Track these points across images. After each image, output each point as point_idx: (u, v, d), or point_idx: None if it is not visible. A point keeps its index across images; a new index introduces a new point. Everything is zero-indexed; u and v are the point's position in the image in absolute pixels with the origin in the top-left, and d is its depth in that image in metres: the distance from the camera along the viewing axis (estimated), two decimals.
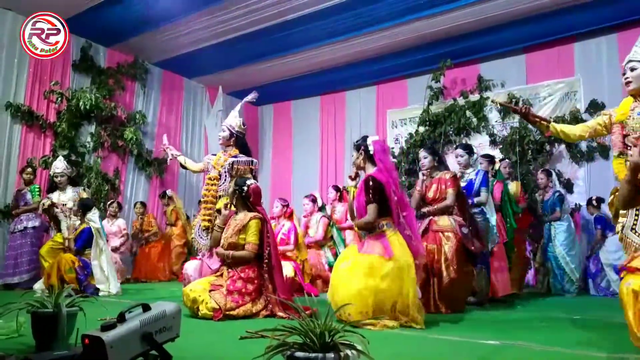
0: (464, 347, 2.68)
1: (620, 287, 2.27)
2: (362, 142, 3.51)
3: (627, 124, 2.97)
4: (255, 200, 3.87)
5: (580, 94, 6.87)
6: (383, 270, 3.15)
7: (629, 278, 2.26)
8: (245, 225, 3.71)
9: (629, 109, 3.02)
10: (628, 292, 2.19)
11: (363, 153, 3.48)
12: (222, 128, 4.67)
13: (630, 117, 2.98)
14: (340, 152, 9.16)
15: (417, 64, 8.02)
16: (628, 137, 2.98)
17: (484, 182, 4.64)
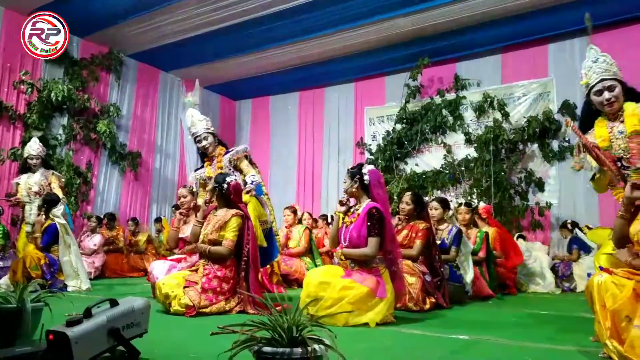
0: (436, 341, 2.71)
1: (589, 282, 2.31)
2: (358, 171, 3.44)
3: (613, 148, 2.84)
4: (236, 197, 3.83)
5: (554, 94, 7.02)
6: (370, 304, 3.11)
7: (602, 273, 2.31)
8: (226, 222, 3.67)
9: (608, 133, 2.90)
10: (598, 285, 2.23)
11: (358, 182, 3.42)
12: (202, 137, 4.45)
13: (612, 140, 2.87)
14: (318, 148, 9.16)
15: (395, 62, 8.07)
16: (621, 159, 2.83)
17: (455, 240, 4.59)
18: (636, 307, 2.11)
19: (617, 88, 2.85)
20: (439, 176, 7.68)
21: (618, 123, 2.88)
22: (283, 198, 8.68)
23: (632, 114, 2.82)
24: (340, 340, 2.60)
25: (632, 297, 2.14)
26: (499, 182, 6.97)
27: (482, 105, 7.39)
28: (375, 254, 3.26)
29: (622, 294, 2.15)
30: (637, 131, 2.77)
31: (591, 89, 2.92)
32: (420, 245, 4.18)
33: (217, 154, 4.46)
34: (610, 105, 2.85)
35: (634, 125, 2.79)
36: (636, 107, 2.83)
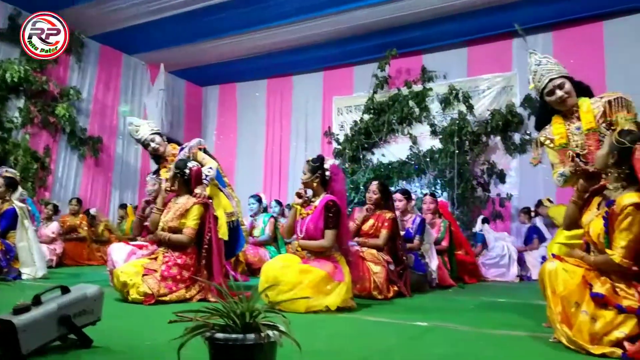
0: (395, 328, 2.75)
1: (542, 269, 2.38)
2: (320, 166, 3.46)
3: (570, 144, 2.88)
4: (197, 183, 3.77)
5: (517, 88, 7.19)
6: (328, 288, 3.15)
7: (553, 260, 2.38)
8: (188, 209, 3.61)
9: (565, 130, 2.94)
10: (550, 272, 2.30)
11: (319, 176, 3.45)
12: (149, 139, 4.27)
13: (569, 137, 2.91)
14: (285, 137, 9.12)
15: (363, 52, 8.08)
16: (579, 155, 2.81)
17: (419, 230, 4.72)
18: (585, 294, 2.20)
19: (566, 84, 2.88)
20: (405, 167, 7.76)
21: (574, 119, 2.93)
22: (250, 186, 8.61)
23: (588, 110, 2.87)
24: (300, 327, 2.62)
25: (582, 284, 2.22)
26: (462, 173, 7.11)
27: (447, 98, 7.50)
28: (332, 246, 3.33)
29: (572, 281, 2.23)
30: (593, 128, 2.82)
31: (543, 91, 2.97)
32: (386, 235, 4.24)
33: (169, 153, 4.34)
34: (564, 102, 2.90)
35: (590, 122, 2.84)
36: (591, 103, 2.89)
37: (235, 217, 4.01)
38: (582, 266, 2.31)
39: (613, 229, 2.22)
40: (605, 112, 2.81)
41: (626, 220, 2.15)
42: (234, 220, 3.97)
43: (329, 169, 3.42)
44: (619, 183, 2.29)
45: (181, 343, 1.28)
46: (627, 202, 2.16)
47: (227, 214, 3.90)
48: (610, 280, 2.21)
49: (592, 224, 2.36)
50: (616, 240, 2.19)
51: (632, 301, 2.12)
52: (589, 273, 2.26)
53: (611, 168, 2.31)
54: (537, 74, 2.96)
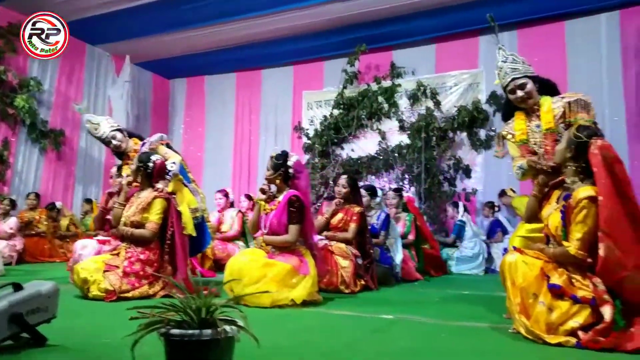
0: (359, 321, 2.77)
1: (502, 261, 2.44)
2: (283, 163, 3.45)
3: (530, 141, 2.96)
4: (160, 177, 3.69)
5: (483, 85, 7.31)
6: (294, 281, 3.16)
7: (514, 253, 2.44)
8: (149, 203, 3.53)
9: (526, 127, 3.00)
10: (510, 264, 2.36)
11: (283, 172, 3.44)
12: (109, 137, 4.18)
13: (529, 134, 2.97)
14: (255, 131, 9.03)
15: (333, 47, 8.06)
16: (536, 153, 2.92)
17: (383, 225, 4.78)
18: (542, 285, 2.26)
19: (528, 85, 2.92)
20: (374, 162, 7.81)
21: (535, 118, 2.99)
22: (218, 181, 8.52)
23: (548, 110, 2.92)
24: (265, 321, 2.63)
25: (540, 275, 2.29)
26: (430, 169, 7.21)
27: (415, 94, 7.56)
28: (296, 241, 3.35)
29: (531, 273, 2.30)
30: (552, 129, 2.88)
31: (505, 88, 3.03)
32: (355, 228, 4.28)
33: (131, 149, 4.22)
34: (524, 102, 2.95)
35: (549, 122, 2.90)
36: (552, 103, 2.94)
37: (200, 213, 3.95)
38: (541, 258, 2.37)
39: (570, 221, 2.29)
40: (565, 112, 2.87)
41: (581, 213, 2.22)
42: (198, 217, 3.91)
43: (292, 166, 3.42)
44: (577, 177, 2.36)
45: (135, 340, 1.25)
46: (582, 195, 2.23)
47: (191, 210, 3.84)
48: (567, 272, 2.29)
49: (550, 217, 2.43)
50: (572, 233, 2.26)
51: (587, 292, 2.19)
52: (547, 265, 2.33)
53: (569, 162, 2.38)
54: (502, 71, 3.02)
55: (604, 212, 2.16)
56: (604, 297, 2.16)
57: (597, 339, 2.08)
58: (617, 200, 2.18)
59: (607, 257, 2.14)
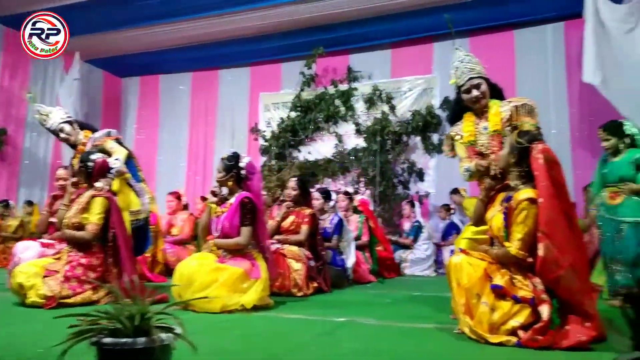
0: (309, 324, 2.76)
1: (448, 262, 2.50)
2: (235, 164, 3.40)
3: (477, 144, 3.01)
4: (101, 176, 3.56)
5: (436, 91, 7.47)
6: (245, 286, 3.12)
7: (459, 254, 2.50)
8: (88, 203, 3.39)
9: (474, 128, 3.05)
10: (455, 265, 2.41)
11: (235, 174, 3.39)
12: (58, 129, 3.97)
13: (477, 135, 3.03)
14: (210, 132, 8.88)
15: (291, 49, 8.05)
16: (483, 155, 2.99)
17: (336, 229, 4.81)
18: (485, 286, 2.32)
19: (483, 85, 3.00)
20: (330, 164, 7.85)
21: (483, 119, 3.06)
22: (172, 182, 8.33)
23: (496, 113, 3.01)
24: (212, 326, 2.58)
25: (483, 276, 2.35)
26: (384, 172, 7.32)
27: (371, 98, 7.66)
28: (248, 243, 3.30)
29: (475, 274, 2.35)
30: (498, 131, 2.96)
31: (460, 88, 3.09)
32: (307, 230, 4.28)
33: (80, 142, 4.02)
34: (478, 102, 3.02)
35: (496, 124, 2.98)
36: (500, 106, 3.03)
37: (143, 215, 3.82)
38: (485, 259, 2.44)
39: (511, 223, 2.37)
40: (511, 116, 2.96)
41: (521, 214, 2.31)
42: (140, 219, 3.78)
43: (244, 167, 3.38)
44: (519, 180, 2.45)
45: (63, 350, 1.19)
46: (522, 197, 2.32)
47: (132, 212, 3.70)
48: (509, 272, 2.36)
49: (493, 218, 2.51)
50: (513, 234, 2.34)
51: (527, 292, 2.27)
52: (491, 266, 2.40)
53: (512, 167, 2.46)
54: (458, 70, 3.07)
55: (544, 213, 2.25)
56: (542, 296, 2.24)
57: (536, 338, 2.16)
58: (556, 203, 2.28)
59: (546, 257, 2.22)
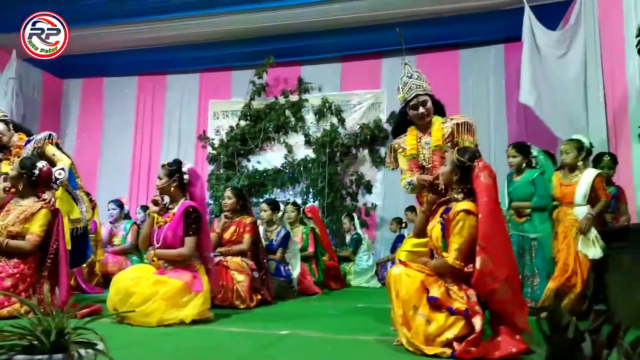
0: (250, 337, 2.72)
1: (388, 274, 2.53)
2: (177, 169, 3.30)
3: (419, 157, 3.08)
4: (45, 186, 3.38)
5: (384, 105, 7.65)
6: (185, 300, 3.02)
7: (399, 266, 2.54)
8: (34, 213, 3.22)
9: (417, 143, 3.12)
10: (394, 277, 2.45)
11: (177, 181, 3.29)
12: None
13: (419, 149, 3.10)
14: (156, 139, 8.63)
15: (242, 57, 8.00)
16: (424, 169, 3.07)
17: (282, 242, 4.79)
18: (422, 297, 2.37)
19: (429, 102, 3.09)
20: (279, 175, 7.83)
21: (426, 135, 3.15)
22: (114, 190, 8.01)
23: (438, 129, 3.11)
24: (147, 341, 2.48)
25: (420, 288, 2.40)
26: (333, 183, 7.38)
27: (321, 110, 7.73)
28: (192, 254, 3.19)
29: (413, 285, 2.40)
30: (440, 146, 3.06)
31: (408, 103, 3.15)
32: (250, 239, 4.23)
33: (14, 144, 3.80)
34: (423, 118, 3.11)
35: (438, 140, 3.07)
36: (442, 122, 3.13)
37: (82, 223, 3.66)
38: (423, 271, 2.49)
39: (448, 234, 2.44)
40: (452, 132, 3.07)
41: (458, 225, 2.38)
42: (80, 227, 3.62)
43: (187, 173, 3.30)
44: (460, 196, 2.53)
45: None
46: (459, 208, 2.40)
47: (71, 221, 3.55)
48: (445, 284, 2.42)
49: (433, 230, 2.58)
50: (450, 244, 2.41)
51: (461, 303, 2.33)
52: (428, 278, 2.45)
53: (455, 184, 2.54)
54: (406, 86, 3.14)
55: (483, 228, 2.33)
56: (475, 308, 2.31)
57: (469, 349, 2.22)
58: (494, 218, 2.37)
59: (482, 269, 2.30)
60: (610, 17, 4.79)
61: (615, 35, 4.67)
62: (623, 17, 4.45)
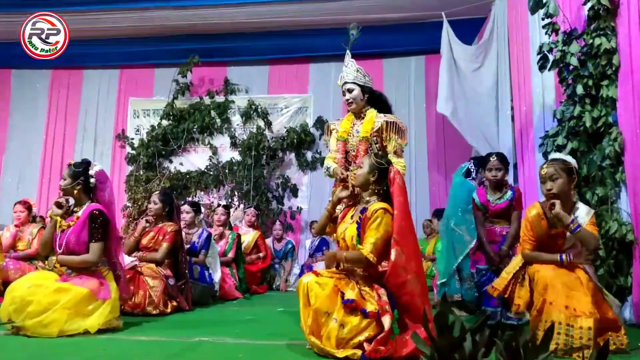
0: (156, 346, 2.61)
1: (299, 282, 2.54)
2: (83, 172, 3.09)
3: (348, 141, 3.30)
4: None
5: (311, 109, 7.71)
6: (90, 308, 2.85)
7: (309, 274, 2.54)
8: None
9: (350, 128, 3.33)
10: (304, 286, 2.45)
11: (82, 183, 3.09)
12: None
13: (350, 134, 3.31)
14: (70, 137, 8.10)
15: (165, 55, 7.75)
16: (349, 153, 3.31)
17: (205, 244, 4.68)
18: (335, 302, 2.37)
19: (354, 91, 3.28)
20: (203, 177, 7.64)
21: (359, 123, 3.34)
22: (21, 190, 7.47)
23: (369, 120, 3.31)
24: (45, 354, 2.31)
25: (332, 293, 2.41)
26: (259, 186, 7.31)
27: (248, 112, 7.65)
28: (98, 261, 3.00)
29: (324, 292, 2.41)
30: (366, 137, 3.27)
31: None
32: (166, 249, 4.04)
33: None
34: (350, 105, 3.33)
35: (366, 131, 3.28)
36: (375, 116, 3.31)
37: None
38: (334, 276, 2.52)
39: (364, 231, 2.50)
40: (381, 128, 3.27)
41: (375, 221, 2.46)
42: None
43: (94, 176, 3.11)
44: (374, 197, 2.60)
45: None
46: (377, 207, 2.50)
47: None
48: (357, 285, 2.46)
49: (347, 230, 2.62)
50: (366, 239, 2.47)
51: (373, 306, 2.38)
52: (340, 282, 2.48)
53: (371, 185, 2.61)
54: (342, 73, 3.36)
55: (398, 223, 2.43)
56: (385, 307, 2.37)
57: (378, 349, 2.26)
58: (407, 216, 2.50)
59: (397, 261, 2.39)
60: (518, 35, 5.14)
61: (522, 52, 5.02)
62: (529, 35, 4.80)
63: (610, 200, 3.48)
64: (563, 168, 2.65)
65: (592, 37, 3.57)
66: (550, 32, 3.97)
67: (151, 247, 4.06)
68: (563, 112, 3.85)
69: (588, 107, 3.64)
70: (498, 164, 3.62)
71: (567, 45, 3.73)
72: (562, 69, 3.89)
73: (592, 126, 3.59)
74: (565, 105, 3.86)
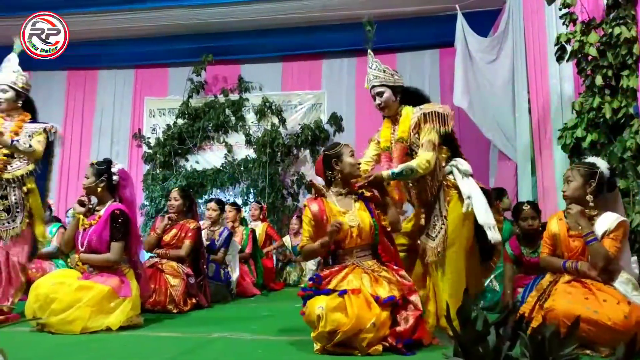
0: (179, 342, 2.65)
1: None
2: (106, 169, 3.14)
3: (392, 150, 2.95)
4: None
5: (325, 106, 7.69)
6: (112, 305, 2.89)
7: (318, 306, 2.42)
8: None
9: (390, 135, 2.99)
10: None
11: (105, 181, 3.13)
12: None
13: (392, 142, 2.96)
14: (87, 137, 8.18)
15: (179, 54, 7.79)
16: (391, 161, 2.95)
17: (225, 243, 4.70)
18: (368, 311, 2.24)
19: (385, 94, 2.86)
20: (219, 175, 7.68)
21: (397, 126, 2.94)
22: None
23: (405, 119, 2.88)
24: (68, 350, 2.35)
25: (360, 310, 2.30)
26: (274, 183, 7.33)
27: (262, 109, 7.66)
28: (120, 260, 3.05)
29: (350, 318, 2.28)
30: (402, 138, 2.87)
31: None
32: (190, 246, 4.09)
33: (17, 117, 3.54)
34: (381, 110, 2.94)
35: (403, 131, 2.87)
36: (410, 113, 2.88)
37: None
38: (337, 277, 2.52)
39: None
40: (419, 123, 2.81)
41: None
42: None
43: (116, 174, 3.16)
44: None
45: None
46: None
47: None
48: (366, 273, 2.51)
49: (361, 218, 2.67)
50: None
51: (387, 289, 2.38)
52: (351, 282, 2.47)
53: None
54: (368, 76, 2.95)
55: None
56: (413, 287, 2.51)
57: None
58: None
59: None
60: (534, 26, 5.06)
61: (538, 43, 4.94)
62: (545, 26, 4.72)
63: (632, 192, 3.40)
64: (581, 172, 2.55)
65: (611, 26, 3.49)
66: (567, 23, 3.89)
67: (174, 244, 4.10)
68: (582, 104, 3.77)
69: (608, 98, 3.56)
70: (532, 213, 3.50)
71: (585, 35, 3.66)
72: (581, 60, 3.81)
73: (612, 117, 3.51)
74: (584, 96, 3.79)
